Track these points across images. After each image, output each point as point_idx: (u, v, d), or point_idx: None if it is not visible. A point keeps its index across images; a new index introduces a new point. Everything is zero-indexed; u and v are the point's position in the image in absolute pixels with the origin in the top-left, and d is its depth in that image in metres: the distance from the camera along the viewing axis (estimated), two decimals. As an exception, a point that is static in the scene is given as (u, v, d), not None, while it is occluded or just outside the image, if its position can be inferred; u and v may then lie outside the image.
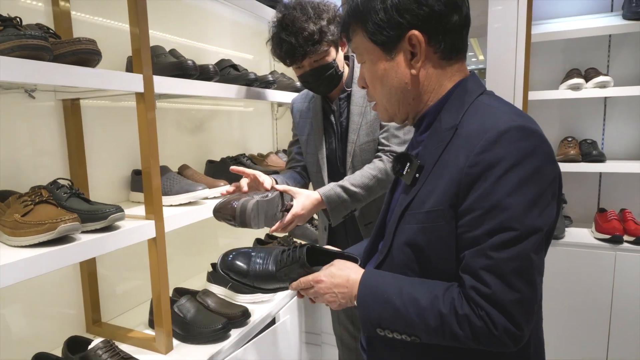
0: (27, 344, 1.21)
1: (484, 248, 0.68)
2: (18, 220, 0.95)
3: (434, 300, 0.72)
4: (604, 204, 2.38)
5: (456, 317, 0.69)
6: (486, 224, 0.68)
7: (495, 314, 0.67)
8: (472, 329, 0.68)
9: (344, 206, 1.31)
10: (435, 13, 0.76)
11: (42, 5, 1.22)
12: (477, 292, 0.68)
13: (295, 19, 1.34)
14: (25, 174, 1.20)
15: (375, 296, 0.78)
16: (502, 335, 0.67)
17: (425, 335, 0.73)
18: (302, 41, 1.34)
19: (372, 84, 0.86)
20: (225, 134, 2.08)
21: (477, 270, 0.68)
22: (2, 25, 0.90)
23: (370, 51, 0.82)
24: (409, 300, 0.74)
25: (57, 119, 1.28)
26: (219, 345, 1.30)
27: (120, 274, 1.51)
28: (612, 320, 2.08)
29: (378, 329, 0.77)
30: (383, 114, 0.88)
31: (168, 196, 1.36)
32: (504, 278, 0.67)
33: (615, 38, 2.28)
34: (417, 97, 0.82)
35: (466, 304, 0.69)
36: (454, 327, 0.70)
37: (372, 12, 0.78)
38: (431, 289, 0.74)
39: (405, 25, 0.77)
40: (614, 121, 2.34)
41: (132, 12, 1.13)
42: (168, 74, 1.31)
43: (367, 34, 0.81)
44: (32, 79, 0.87)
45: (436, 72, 0.80)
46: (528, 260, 0.67)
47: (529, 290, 0.67)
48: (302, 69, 1.42)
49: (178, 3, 1.76)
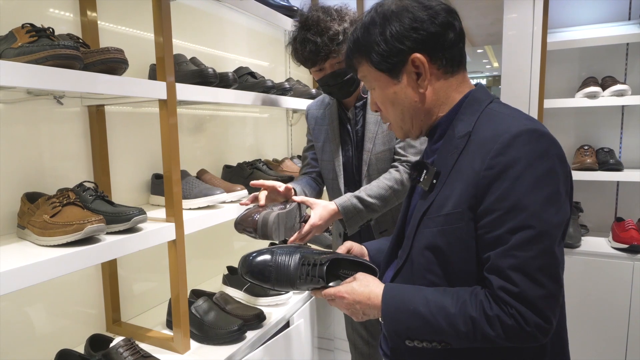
0: (51, 341, 1.26)
1: (509, 248, 0.71)
2: (47, 221, 1.00)
3: (463, 305, 0.74)
4: (622, 213, 2.35)
5: (487, 318, 0.72)
6: (507, 223, 0.71)
7: (525, 311, 0.70)
8: (504, 328, 0.71)
9: (360, 216, 1.33)
10: (432, 35, 0.81)
11: (70, 15, 1.28)
12: (506, 292, 0.71)
13: (319, 19, 1.37)
14: (52, 176, 1.25)
15: (400, 309, 0.80)
16: (533, 331, 0.70)
17: (456, 340, 0.75)
18: (328, 40, 1.35)
19: (385, 107, 0.90)
20: (241, 140, 2.12)
21: (504, 270, 0.71)
22: (36, 36, 0.94)
23: (378, 78, 0.87)
24: (436, 309, 0.75)
25: (83, 124, 1.33)
26: (235, 346, 1.33)
27: (139, 275, 1.55)
28: (629, 331, 2.05)
29: (407, 340, 0.79)
30: (399, 132, 0.93)
31: (187, 200, 1.39)
32: (530, 276, 0.70)
33: (632, 46, 2.26)
34: (428, 112, 0.87)
35: (495, 305, 0.72)
36: (485, 329, 0.72)
37: (373, 44, 0.84)
38: (457, 295, 0.76)
39: (407, 51, 0.82)
40: (632, 130, 2.32)
41: (156, 21, 1.17)
42: (189, 82, 1.35)
43: (373, 64, 0.86)
44: (64, 87, 0.92)
45: (442, 86, 0.85)
46: (552, 256, 0.71)
47: (554, 285, 0.71)
48: (323, 71, 1.43)
49: (198, 12, 1.81)
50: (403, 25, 0.81)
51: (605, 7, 2.30)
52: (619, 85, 2.12)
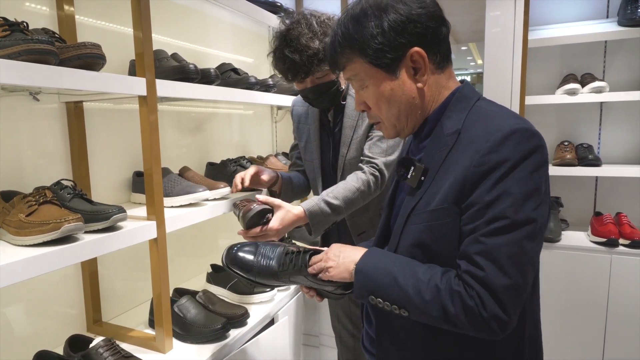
0: (29, 343, 1.23)
1: (479, 235, 0.72)
2: (22, 220, 0.97)
3: (433, 276, 0.75)
4: (600, 208, 2.41)
5: (450, 292, 0.72)
6: (486, 215, 0.72)
7: (486, 296, 0.70)
8: (464, 307, 0.71)
9: (326, 220, 1.31)
10: (429, 29, 0.80)
11: (47, 9, 1.24)
12: (471, 275, 0.71)
13: (300, 35, 1.30)
14: (28, 174, 1.22)
15: (375, 265, 0.81)
16: (489, 319, 0.70)
17: (416, 309, 0.75)
18: (306, 59, 1.30)
19: (378, 106, 0.87)
20: (225, 137, 2.11)
21: (472, 255, 0.72)
22: (9, 30, 0.91)
23: (373, 75, 0.84)
24: (408, 272, 0.77)
25: (61, 121, 1.30)
26: (219, 344, 1.32)
27: (120, 274, 1.53)
28: (607, 323, 2.10)
29: (371, 296, 0.80)
30: (391, 130, 0.90)
31: (169, 197, 1.37)
32: (497, 262, 0.70)
33: (610, 44, 2.31)
34: (423, 108, 0.86)
35: (461, 284, 0.72)
36: (446, 302, 0.72)
37: (369, 38, 0.80)
38: (431, 267, 0.77)
39: (407, 44, 0.80)
40: (610, 126, 2.37)
41: (135, 16, 1.15)
42: (170, 78, 1.33)
43: (368, 59, 0.82)
44: (38, 82, 0.89)
45: (435, 81, 0.85)
46: (521, 247, 0.71)
47: (519, 277, 0.70)
48: (304, 84, 1.40)
49: (180, 7, 1.78)
50: (401, 17, 0.78)
51: (584, 5, 2.34)
52: (597, 82, 2.16)
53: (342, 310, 1.68)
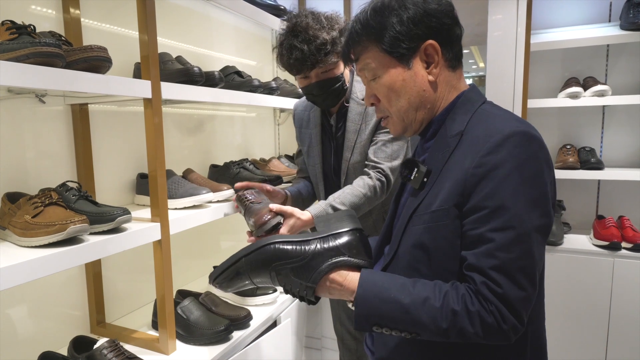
0: (33, 343, 1.24)
1: (491, 248, 0.71)
2: (28, 222, 0.98)
3: (445, 299, 0.72)
4: (603, 211, 2.40)
5: (468, 314, 0.71)
6: (491, 222, 0.72)
7: (504, 310, 0.70)
8: (483, 326, 0.71)
9: None
10: (445, 25, 0.83)
11: (53, 12, 1.26)
12: (489, 289, 0.71)
13: (308, 26, 1.33)
14: (34, 176, 1.23)
15: (378, 295, 0.77)
16: (509, 330, 0.71)
17: (430, 334, 0.74)
18: (315, 49, 1.32)
19: (388, 98, 0.87)
20: (228, 139, 2.11)
21: (487, 270, 0.71)
22: (17, 33, 0.92)
23: (386, 65, 0.85)
24: (419, 301, 0.73)
25: (66, 123, 1.31)
26: (222, 346, 1.32)
27: (124, 275, 1.53)
28: (610, 326, 2.10)
29: (375, 326, 0.77)
30: (398, 125, 0.90)
31: (173, 199, 1.38)
32: (512, 277, 0.70)
33: (613, 48, 2.32)
34: (432, 103, 0.86)
35: (477, 301, 0.71)
36: (465, 324, 0.71)
37: (388, 27, 0.83)
38: (439, 288, 0.74)
39: (423, 36, 0.82)
40: (612, 129, 2.37)
41: (141, 19, 1.16)
42: (175, 80, 1.34)
43: (384, 48, 0.84)
44: (46, 85, 0.90)
45: (446, 79, 0.86)
46: (532, 258, 0.71)
47: (531, 287, 0.72)
48: (308, 79, 1.41)
49: (184, 10, 1.80)
50: (420, 10, 0.81)
51: (586, 9, 2.34)
52: (599, 85, 2.17)
53: (344, 313, 1.68)
